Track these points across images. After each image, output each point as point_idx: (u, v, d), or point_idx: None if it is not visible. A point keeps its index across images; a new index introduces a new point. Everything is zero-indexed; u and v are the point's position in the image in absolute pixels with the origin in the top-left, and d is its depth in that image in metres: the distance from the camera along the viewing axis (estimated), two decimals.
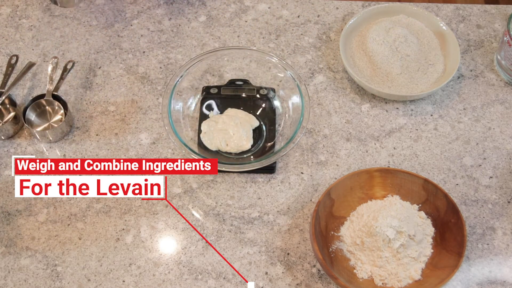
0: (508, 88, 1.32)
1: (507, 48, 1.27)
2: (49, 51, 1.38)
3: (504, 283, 1.10)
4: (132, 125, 1.27)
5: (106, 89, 1.32)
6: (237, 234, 1.15)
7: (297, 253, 1.13)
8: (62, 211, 1.17)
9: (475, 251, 1.13)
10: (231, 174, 1.21)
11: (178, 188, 1.20)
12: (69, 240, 1.15)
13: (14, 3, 1.46)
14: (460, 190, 1.19)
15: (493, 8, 1.43)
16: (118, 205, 1.18)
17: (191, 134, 1.24)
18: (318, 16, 1.43)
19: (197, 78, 1.30)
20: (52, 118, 1.27)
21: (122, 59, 1.37)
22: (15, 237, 1.15)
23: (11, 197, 1.19)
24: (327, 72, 1.34)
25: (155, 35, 1.40)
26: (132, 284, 1.10)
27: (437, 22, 1.35)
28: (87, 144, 1.25)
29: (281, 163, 1.23)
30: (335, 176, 1.21)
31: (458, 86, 1.32)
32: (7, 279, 1.11)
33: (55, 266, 1.12)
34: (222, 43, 1.39)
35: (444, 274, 1.05)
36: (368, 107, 1.29)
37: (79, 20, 1.43)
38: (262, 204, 1.18)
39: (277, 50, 1.37)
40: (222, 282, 1.10)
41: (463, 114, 1.28)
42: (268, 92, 1.27)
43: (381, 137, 1.26)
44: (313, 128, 1.27)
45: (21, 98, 1.32)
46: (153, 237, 1.15)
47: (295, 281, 1.10)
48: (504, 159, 1.23)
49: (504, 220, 1.16)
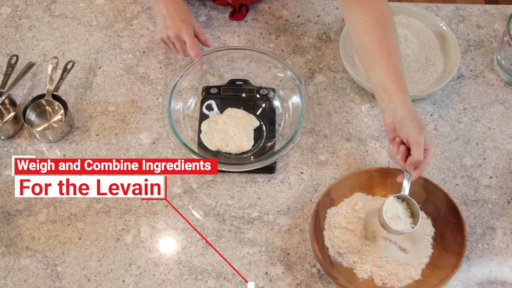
0: (508, 88, 1.32)
1: (507, 48, 1.27)
2: (49, 51, 1.38)
3: (504, 283, 1.10)
4: (132, 125, 1.27)
5: (106, 89, 1.32)
6: (237, 234, 1.15)
7: (297, 253, 1.13)
8: (62, 211, 1.18)
9: (475, 251, 1.13)
10: (231, 174, 1.21)
11: (178, 188, 1.20)
12: (69, 240, 1.15)
13: (14, 3, 1.46)
14: (460, 190, 1.19)
15: (493, 8, 1.43)
16: (118, 205, 1.18)
17: (191, 134, 1.24)
18: (318, 16, 1.43)
19: (197, 78, 1.30)
20: (52, 118, 1.27)
21: (122, 59, 1.37)
22: (15, 237, 1.15)
23: (11, 197, 1.19)
24: (327, 72, 1.34)
25: (155, 35, 1.40)
26: (132, 284, 1.10)
27: (437, 22, 1.36)
28: (87, 144, 1.25)
29: (281, 163, 1.23)
30: (335, 176, 1.21)
31: (458, 86, 1.32)
32: (7, 279, 1.11)
33: (55, 266, 1.12)
34: (222, 43, 1.39)
35: (444, 274, 1.05)
36: (368, 107, 1.29)
37: (79, 20, 1.43)
38: (262, 204, 1.18)
39: (277, 50, 1.37)
40: (222, 282, 1.10)
41: (463, 114, 1.29)
42: (268, 92, 1.27)
43: (381, 137, 1.26)
44: (313, 128, 1.27)
45: (21, 98, 1.32)
46: (153, 237, 1.15)
47: (295, 281, 1.10)
48: (504, 159, 1.23)
49: (504, 220, 1.16)
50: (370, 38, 1.11)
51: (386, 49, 1.10)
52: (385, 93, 1.08)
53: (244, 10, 1.40)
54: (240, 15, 1.40)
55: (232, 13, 1.40)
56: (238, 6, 1.39)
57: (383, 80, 1.08)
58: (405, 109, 1.05)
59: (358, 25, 1.13)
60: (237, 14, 1.40)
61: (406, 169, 1.06)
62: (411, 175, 1.06)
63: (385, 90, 1.08)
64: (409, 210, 1.09)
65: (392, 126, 1.07)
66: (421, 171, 1.06)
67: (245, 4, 1.40)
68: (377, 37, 1.11)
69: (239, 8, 1.40)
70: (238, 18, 1.40)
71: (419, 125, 1.04)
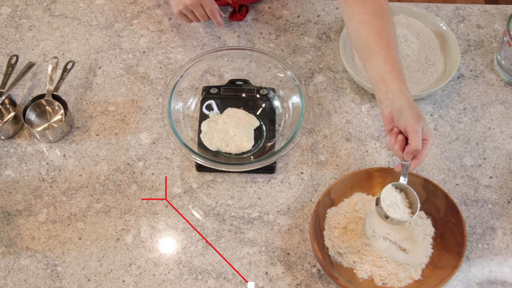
0: (508, 88, 1.32)
1: (507, 48, 1.27)
2: (49, 51, 1.38)
3: (504, 283, 1.10)
4: (132, 125, 1.27)
5: (106, 89, 1.32)
6: (237, 234, 1.15)
7: (297, 253, 1.13)
8: (62, 211, 1.17)
9: (475, 251, 1.13)
10: (231, 174, 1.21)
11: (178, 188, 1.20)
12: (69, 240, 1.15)
13: (14, 3, 1.46)
14: (460, 190, 1.19)
15: (493, 8, 1.43)
16: (118, 205, 1.18)
17: (191, 134, 1.24)
18: (318, 16, 1.43)
19: (197, 78, 1.30)
20: (52, 118, 1.27)
21: (122, 59, 1.37)
22: (15, 237, 1.15)
23: (11, 197, 1.19)
24: (327, 72, 1.34)
25: (155, 35, 1.40)
26: (132, 284, 1.10)
27: (437, 22, 1.35)
28: (87, 144, 1.25)
29: (281, 163, 1.23)
30: (335, 176, 1.21)
31: (458, 86, 1.32)
32: (7, 279, 1.11)
33: (55, 266, 1.12)
34: (222, 43, 1.39)
35: (444, 274, 1.05)
36: (368, 107, 1.29)
37: (79, 20, 1.43)
38: (262, 204, 1.18)
39: (277, 50, 1.37)
40: (222, 282, 1.10)
41: (463, 114, 1.28)
42: (268, 92, 1.27)
43: (381, 137, 1.26)
44: (313, 128, 1.27)
45: (21, 98, 1.32)
46: (153, 237, 1.15)
47: (295, 281, 1.10)
48: (504, 159, 1.23)
49: (504, 220, 1.16)
50: (367, 29, 1.11)
51: (384, 38, 1.09)
52: (383, 84, 1.07)
53: (244, 11, 1.40)
54: (240, 15, 1.40)
55: (232, 14, 1.40)
56: (238, 7, 1.40)
57: (381, 70, 1.08)
58: (404, 98, 1.04)
59: (356, 17, 1.12)
60: (237, 14, 1.40)
61: (404, 158, 1.05)
62: (409, 165, 1.06)
63: (383, 80, 1.07)
64: (407, 201, 1.09)
65: (390, 116, 1.07)
66: (420, 160, 1.05)
67: (245, 4, 1.40)
68: (375, 27, 1.10)
69: (239, 9, 1.40)
70: (238, 18, 1.40)
71: (417, 114, 1.04)
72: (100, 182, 1.21)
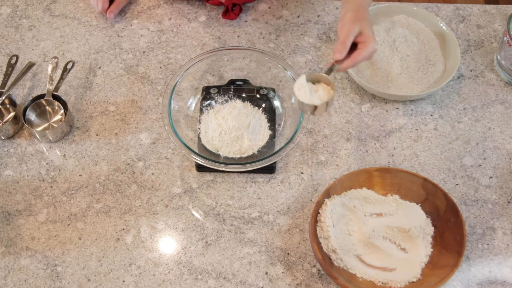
0: (508, 88, 1.32)
1: (507, 48, 1.27)
2: (49, 51, 1.38)
3: (504, 283, 1.10)
4: (132, 125, 1.27)
5: (106, 89, 1.32)
6: (237, 234, 1.15)
7: (297, 253, 1.13)
8: (62, 211, 1.18)
9: (475, 251, 1.13)
10: (231, 174, 1.21)
11: (178, 188, 1.20)
12: (69, 240, 1.15)
13: (14, 3, 1.46)
14: (460, 190, 1.19)
15: (493, 8, 1.43)
16: (118, 205, 1.18)
17: (191, 134, 1.24)
18: (318, 16, 1.43)
19: (197, 78, 1.30)
20: (52, 118, 1.27)
21: (122, 59, 1.37)
22: (15, 237, 1.15)
23: (11, 197, 1.19)
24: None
25: (155, 35, 1.40)
26: (132, 284, 1.10)
27: (437, 22, 1.35)
28: (87, 144, 1.25)
29: (281, 163, 1.23)
30: (335, 176, 1.21)
31: (458, 86, 1.32)
32: (7, 279, 1.11)
33: (55, 266, 1.12)
34: (222, 43, 1.39)
35: (443, 273, 1.05)
36: (368, 107, 1.29)
37: (79, 20, 1.43)
38: (262, 204, 1.18)
39: (277, 50, 1.37)
40: (222, 282, 1.10)
41: (463, 114, 1.29)
42: (268, 92, 1.27)
43: (381, 137, 1.26)
44: (313, 128, 1.27)
45: (21, 98, 1.32)
46: (153, 237, 1.15)
47: (295, 281, 1.10)
48: (504, 159, 1.23)
49: (504, 220, 1.16)
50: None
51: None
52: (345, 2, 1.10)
53: (238, 10, 1.40)
54: (233, 14, 1.39)
55: (225, 12, 1.40)
56: (231, 6, 1.39)
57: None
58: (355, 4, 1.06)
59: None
60: (230, 13, 1.39)
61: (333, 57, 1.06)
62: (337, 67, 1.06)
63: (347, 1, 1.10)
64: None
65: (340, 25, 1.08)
66: (353, 61, 1.05)
67: (238, 3, 1.39)
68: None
69: (232, 8, 1.39)
70: (231, 17, 1.39)
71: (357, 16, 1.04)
72: (100, 182, 1.21)
